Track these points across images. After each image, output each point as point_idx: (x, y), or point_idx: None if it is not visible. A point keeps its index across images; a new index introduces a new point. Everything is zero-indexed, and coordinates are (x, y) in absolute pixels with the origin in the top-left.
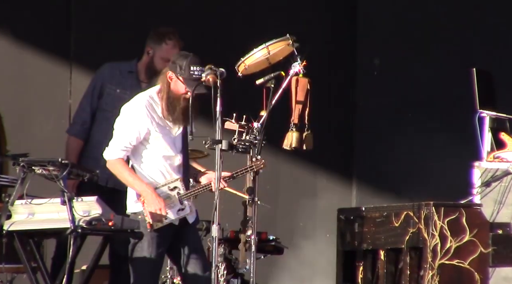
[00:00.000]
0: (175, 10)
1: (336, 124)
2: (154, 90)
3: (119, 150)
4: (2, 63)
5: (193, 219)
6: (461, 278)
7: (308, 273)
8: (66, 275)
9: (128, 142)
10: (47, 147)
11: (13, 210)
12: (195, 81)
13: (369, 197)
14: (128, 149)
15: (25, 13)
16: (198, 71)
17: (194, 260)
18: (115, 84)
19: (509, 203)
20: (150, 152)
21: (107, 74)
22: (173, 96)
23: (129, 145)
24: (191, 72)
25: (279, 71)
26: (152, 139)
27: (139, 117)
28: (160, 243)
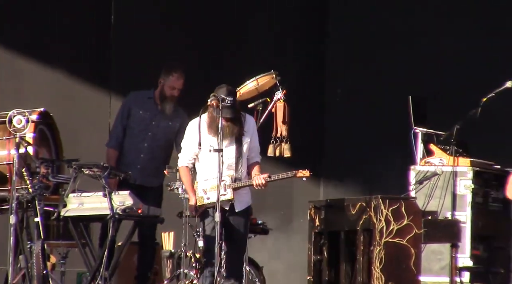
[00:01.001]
0: (192, 46)
1: (307, 137)
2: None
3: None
4: (57, 90)
5: (240, 209)
6: (401, 252)
7: (287, 249)
8: (107, 249)
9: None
10: (92, 155)
11: (68, 201)
12: (226, 109)
13: (332, 191)
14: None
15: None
16: (230, 101)
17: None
18: (139, 107)
19: (436, 196)
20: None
21: (133, 100)
22: (212, 118)
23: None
24: (225, 101)
25: (266, 98)
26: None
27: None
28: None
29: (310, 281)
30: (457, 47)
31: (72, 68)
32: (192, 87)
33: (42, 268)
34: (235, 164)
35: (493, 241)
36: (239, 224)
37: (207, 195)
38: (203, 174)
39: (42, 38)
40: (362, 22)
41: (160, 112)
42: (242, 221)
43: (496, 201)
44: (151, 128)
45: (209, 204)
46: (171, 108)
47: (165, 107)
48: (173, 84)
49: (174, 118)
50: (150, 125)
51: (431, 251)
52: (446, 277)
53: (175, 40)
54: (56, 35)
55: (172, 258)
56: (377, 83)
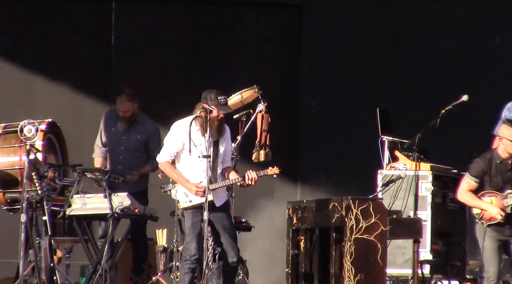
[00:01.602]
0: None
1: (286, 145)
2: (190, 118)
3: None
4: (63, 103)
5: (219, 204)
6: (369, 247)
7: (267, 244)
8: (107, 244)
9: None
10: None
11: (72, 201)
12: (223, 106)
13: (308, 193)
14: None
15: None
16: (223, 99)
17: (224, 235)
18: (112, 124)
19: (400, 197)
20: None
21: (106, 118)
22: (210, 119)
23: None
24: (219, 100)
25: (249, 110)
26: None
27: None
28: (195, 216)
29: (288, 273)
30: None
31: (77, 83)
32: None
33: (50, 261)
34: (212, 166)
35: (451, 237)
36: (223, 217)
37: (189, 198)
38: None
39: (51, 57)
40: (335, 38)
41: (129, 128)
42: (225, 213)
43: (453, 201)
44: (123, 142)
45: (191, 207)
46: (125, 125)
47: (121, 125)
48: (118, 107)
49: (142, 131)
50: (121, 140)
51: (395, 246)
52: (409, 269)
53: (169, 58)
54: (63, 55)
55: (165, 252)
56: (348, 96)
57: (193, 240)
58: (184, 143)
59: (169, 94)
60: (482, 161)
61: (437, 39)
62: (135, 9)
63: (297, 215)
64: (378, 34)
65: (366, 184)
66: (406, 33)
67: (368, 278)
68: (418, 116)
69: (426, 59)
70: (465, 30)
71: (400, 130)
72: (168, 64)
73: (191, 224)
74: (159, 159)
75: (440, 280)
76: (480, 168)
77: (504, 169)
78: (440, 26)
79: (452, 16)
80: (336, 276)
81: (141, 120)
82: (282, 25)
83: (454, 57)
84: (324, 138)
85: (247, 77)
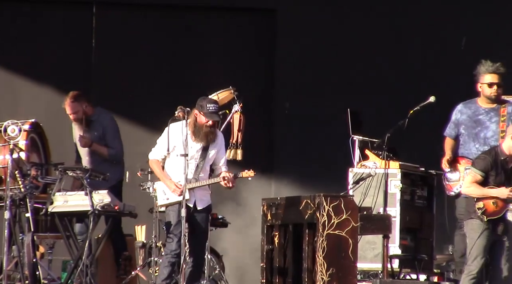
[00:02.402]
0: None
1: (260, 144)
2: (183, 122)
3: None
4: (46, 104)
5: (201, 207)
6: (340, 243)
7: (243, 240)
8: (88, 240)
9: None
10: (75, 159)
11: (54, 199)
12: (211, 114)
13: (282, 190)
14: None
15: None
16: (213, 107)
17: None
18: (78, 128)
19: (370, 195)
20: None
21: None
22: (198, 125)
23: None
24: (208, 108)
25: (225, 110)
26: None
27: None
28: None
29: (263, 268)
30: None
31: (59, 85)
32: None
33: (32, 257)
34: (195, 168)
35: (419, 233)
36: (202, 220)
37: (166, 196)
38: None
39: (34, 59)
40: (308, 41)
41: (87, 127)
42: (204, 217)
43: (421, 198)
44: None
45: (168, 204)
46: (81, 126)
47: (78, 126)
48: (68, 111)
49: (97, 128)
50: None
51: (366, 242)
52: (379, 264)
53: (148, 60)
54: (46, 57)
55: (144, 248)
56: (320, 97)
57: (176, 236)
58: (175, 145)
59: (148, 96)
60: (489, 156)
61: (406, 41)
62: (115, 14)
63: (272, 211)
64: (350, 38)
65: (338, 181)
66: (377, 36)
67: (339, 272)
68: (388, 116)
69: (396, 61)
70: (433, 31)
71: (370, 130)
72: (147, 67)
73: (178, 220)
74: (150, 156)
75: (409, 274)
76: (487, 162)
77: (506, 166)
78: (409, 28)
79: (420, 17)
80: (309, 271)
81: (95, 117)
82: (257, 28)
83: (422, 59)
84: (297, 138)
85: (223, 79)
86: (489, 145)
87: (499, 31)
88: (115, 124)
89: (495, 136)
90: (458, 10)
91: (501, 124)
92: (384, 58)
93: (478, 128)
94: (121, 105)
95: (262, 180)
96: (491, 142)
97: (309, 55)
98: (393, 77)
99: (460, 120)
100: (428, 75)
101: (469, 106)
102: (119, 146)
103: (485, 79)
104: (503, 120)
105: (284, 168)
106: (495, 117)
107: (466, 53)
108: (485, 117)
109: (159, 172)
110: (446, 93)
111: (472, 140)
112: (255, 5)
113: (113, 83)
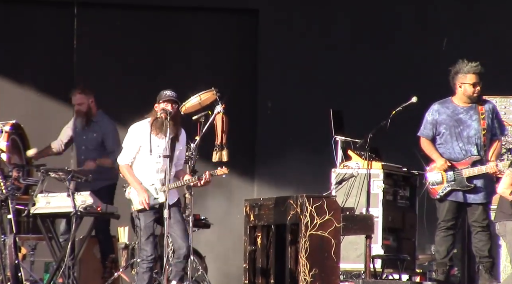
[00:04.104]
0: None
1: (243, 145)
2: (148, 120)
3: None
4: (27, 105)
5: (171, 202)
6: (323, 243)
7: (225, 240)
8: (70, 241)
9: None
10: (57, 161)
11: (36, 200)
12: (169, 96)
13: (265, 191)
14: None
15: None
16: (169, 92)
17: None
18: (74, 125)
19: (353, 195)
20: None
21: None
22: (160, 118)
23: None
24: (165, 93)
25: (207, 111)
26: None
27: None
28: (147, 217)
29: (246, 268)
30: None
31: (41, 87)
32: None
33: (14, 258)
34: (168, 168)
35: (401, 233)
36: (174, 211)
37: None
38: (138, 178)
39: (16, 61)
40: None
41: (86, 126)
42: (175, 209)
43: (403, 198)
44: (83, 141)
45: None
46: (81, 122)
47: (78, 122)
48: (72, 101)
49: (98, 130)
50: (82, 139)
51: (348, 242)
52: (362, 264)
53: (129, 61)
54: (28, 59)
55: (127, 249)
56: (303, 97)
57: (148, 241)
58: (140, 145)
59: (129, 97)
60: None
61: (388, 41)
62: (96, 14)
63: (254, 212)
64: (332, 37)
65: (320, 182)
66: (360, 36)
67: (322, 273)
68: (370, 116)
69: (378, 61)
70: (415, 32)
71: (352, 130)
72: (128, 67)
73: (144, 225)
74: (119, 161)
75: (391, 274)
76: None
77: None
78: (392, 28)
79: (403, 17)
80: (292, 271)
81: (98, 119)
82: (239, 29)
83: (404, 59)
84: (279, 138)
85: (205, 80)
86: (473, 143)
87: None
88: (117, 134)
89: (478, 134)
90: (439, 11)
91: (481, 122)
92: (366, 58)
93: (460, 127)
94: (103, 105)
95: (244, 181)
96: (474, 140)
97: (291, 55)
98: (375, 77)
99: (439, 120)
100: (410, 75)
101: (446, 105)
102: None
103: (467, 79)
104: (482, 118)
105: (266, 169)
106: (475, 115)
107: (447, 54)
108: (465, 116)
109: (131, 179)
110: (428, 93)
111: (456, 139)
112: (237, 6)
113: (94, 84)
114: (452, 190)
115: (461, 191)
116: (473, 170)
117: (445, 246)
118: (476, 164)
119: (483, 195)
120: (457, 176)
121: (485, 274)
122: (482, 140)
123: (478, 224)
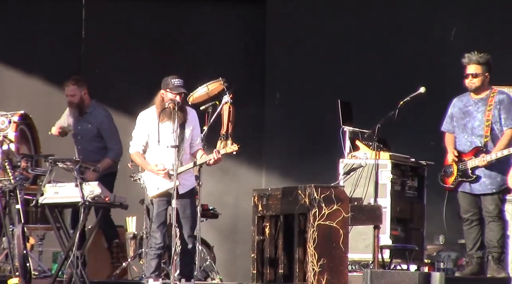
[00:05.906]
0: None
1: (251, 135)
2: (154, 107)
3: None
4: (35, 95)
5: (183, 191)
6: (331, 233)
7: (234, 230)
8: (78, 231)
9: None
10: (65, 150)
11: (44, 190)
12: (177, 87)
13: (273, 181)
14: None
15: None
16: (178, 81)
17: (183, 223)
18: (71, 115)
19: (361, 185)
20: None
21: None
22: (168, 108)
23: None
24: (173, 82)
25: (215, 101)
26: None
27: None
28: (160, 205)
29: (254, 258)
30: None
31: (48, 77)
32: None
33: (23, 248)
34: (178, 151)
35: (409, 223)
36: (185, 205)
37: (156, 186)
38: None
39: (23, 51)
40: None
41: (79, 117)
42: (187, 201)
43: (411, 189)
44: (79, 132)
45: (159, 194)
46: (75, 114)
47: (72, 113)
48: (65, 92)
49: (91, 120)
50: (77, 130)
51: (357, 232)
52: (370, 254)
53: (137, 52)
54: (36, 49)
55: (135, 239)
56: (311, 87)
57: (158, 229)
58: (149, 133)
59: (138, 87)
60: None
61: (397, 32)
62: (105, 5)
63: (262, 202)
64: (341, 28)
65: (329, 172)
66: (368, 27)
67: (330, 263)
68: (378, 107)
69: (387, 51)
70: (423, 22)
71: (361, 121)
72: (136, 57)
73: (156, 213)
74: (130, 150)
75: (399, 264)
76: None
77: None
78: (400, 19)
79: (411, 8)
80: (300, 261)
81: (91, 110)
82: (247, 18)
83: (413, 50)
84: (288, 128)
85: (213, 70)
86: (476, 135)
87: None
88: (111, 121)
89: (481, 126)
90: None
91: (487, 114)
92: (375, 48)
93: (466, 119)
94: (110, 96)
95: (253, 171)
96: (477, 132)
97: (299, 46)
98: (384, 68)
99: (453, 113)
100: (418, 65)
101: (462, 98)
102: (118, 144)
103: (466, 70)
104: (489, 109)
105: (275, 159)
106: (482, 106)
107: (456, 44)
108: (473, 107)
109: (141, 163)
110: (436, 83)
111: (462, 131)
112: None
113: (102, 74)
114: (460, 181)
115: (467, 182)
116: (474, 161)
117: (469, 239)
118: (479, 155)
119: (489, 186)
120: (463, 168)
121: (493, 264)
122: (485, 131)
123: (488, 214)
